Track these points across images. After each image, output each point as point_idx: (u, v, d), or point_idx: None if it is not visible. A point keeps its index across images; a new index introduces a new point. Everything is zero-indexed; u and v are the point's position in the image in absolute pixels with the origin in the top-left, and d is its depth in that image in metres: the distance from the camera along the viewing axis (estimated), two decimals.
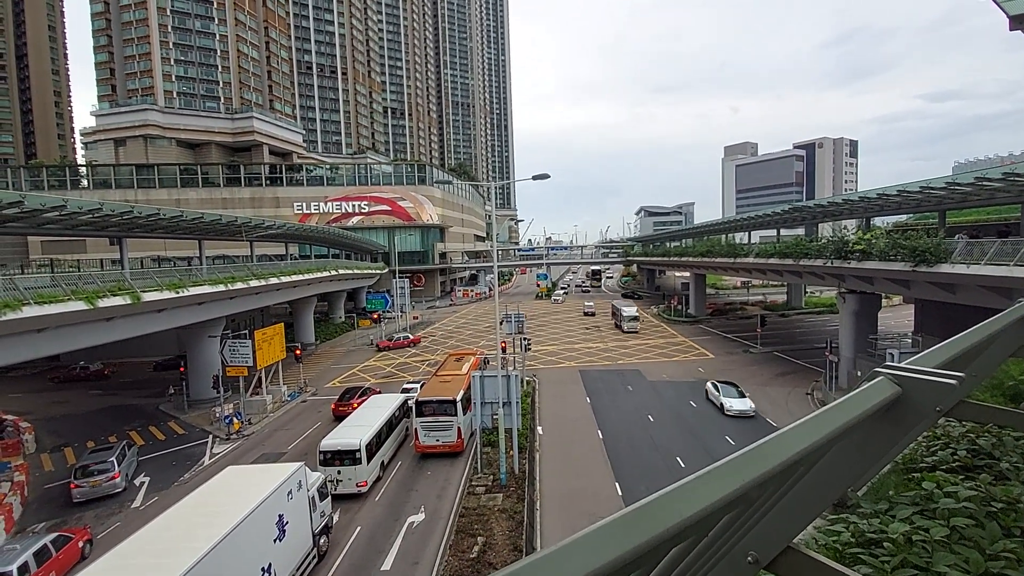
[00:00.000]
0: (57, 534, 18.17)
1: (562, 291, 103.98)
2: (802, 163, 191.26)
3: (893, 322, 51.38)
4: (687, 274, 74.04)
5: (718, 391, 32.27)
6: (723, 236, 71.11)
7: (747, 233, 62.42)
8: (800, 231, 64.53)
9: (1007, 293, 21.04)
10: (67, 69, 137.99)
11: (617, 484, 22.44)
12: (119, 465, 23.75)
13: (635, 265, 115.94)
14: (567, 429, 29.27)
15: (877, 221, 42.77)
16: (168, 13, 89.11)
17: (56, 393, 42.23)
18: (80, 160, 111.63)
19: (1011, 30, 5.51)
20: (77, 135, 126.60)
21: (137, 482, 24.79)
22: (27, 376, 47.34)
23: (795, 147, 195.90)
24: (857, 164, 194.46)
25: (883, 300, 40.55)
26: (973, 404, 2.45)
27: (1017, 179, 21.14)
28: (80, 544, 18.45)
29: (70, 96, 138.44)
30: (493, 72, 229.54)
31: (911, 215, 45.88)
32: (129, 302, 24.46)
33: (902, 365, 1.51)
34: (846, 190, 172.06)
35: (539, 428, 29.28)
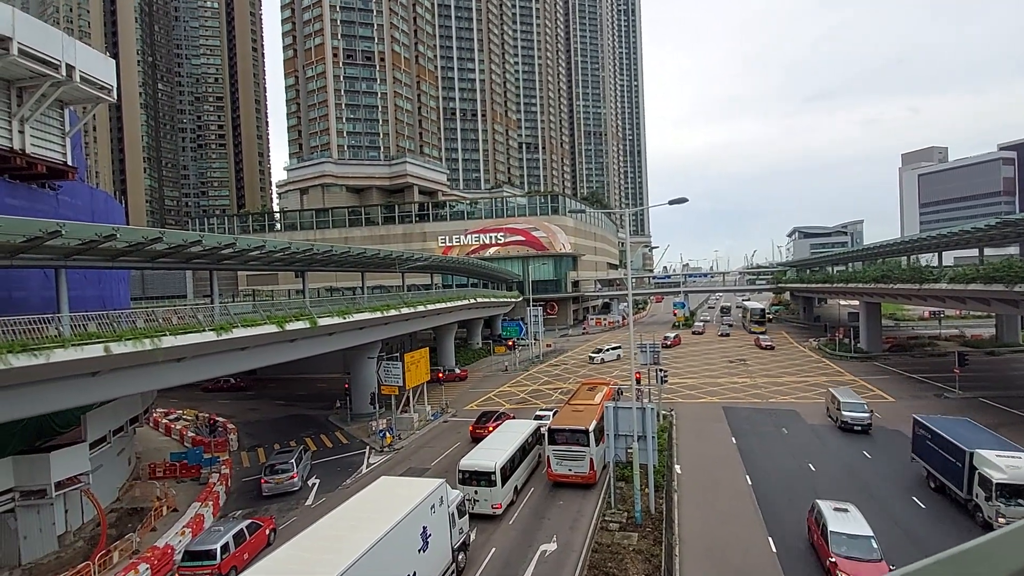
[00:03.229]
0: (250, 521, 21.49)
1: (700, 324, 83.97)
2: (1012, 167, 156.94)
3: None
4: (855, 303, 64.77)
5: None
6: (904, 258, 61.42)
7: (936, 254, 53.04)
8: (1013, 250, 52.94)
9: None
10: (268, 134, 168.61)
11: (771, 539, 19.97)
12: (297, 467, 27.51)
13: (787, 293, 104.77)
14: (709, 471, 27.04)
15: None
16: (341, 79, 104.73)
17: (250, 401, 50.39)
18: (275, 207, 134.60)
19: None
20: (273, 187, 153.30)
21: (310, 483, 28.39)
22: (225, 388, 56.23)
23: (1001, 148, 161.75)
24: None
25: None
26: None
27: None
28: (267, 532, 21.59)
29: (269, 155, 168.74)
30: (625, 98, 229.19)
31: None
32: (308, 326, 28.58)
33: None
34: None
35: (677, 467, 27.49)
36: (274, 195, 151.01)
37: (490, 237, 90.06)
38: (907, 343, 61.75)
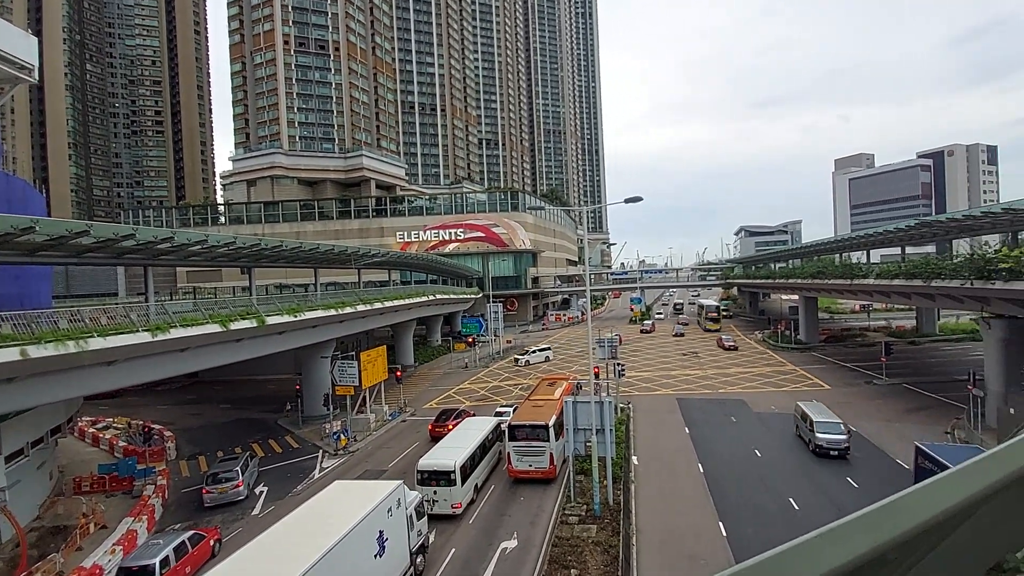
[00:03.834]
0: (193, 532, 20.20)
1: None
2: (929, 174, 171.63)
3: None
4: (795, 297, 68.47)
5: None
6: (837, 256, 65.47)
7: (865, 252, 56.90)
8: (930, 249, 57.57)
9: None
10: (211, 122, 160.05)
11: (721, 524, 20.74)
12: (243, 475, 26.06)
13: (736, 288, 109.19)
14: (664, 460, 27.78)
15: None
16: (293, 67, 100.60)
17: (192, 406, 47.70)
18: (219, 199, 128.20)
19: None
20: (217, 178, 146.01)
21: (257, 491, 27.01)
22: (169, 391, 53.10)
23: (919, 156, 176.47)
24: (997, 172, 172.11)
25: None
26: None
27: None
28: (211, 543, 20.36)
29: (213, 144, 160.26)
30: (584, 99, 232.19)
31: None
32: (255, 325, 27.21)
33: None
34: (985, 201, 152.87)
35: (634, 458, 28.03)
36: (218, 187, 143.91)
37: (449, 233, 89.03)
38: (840, 334, 65.47)
